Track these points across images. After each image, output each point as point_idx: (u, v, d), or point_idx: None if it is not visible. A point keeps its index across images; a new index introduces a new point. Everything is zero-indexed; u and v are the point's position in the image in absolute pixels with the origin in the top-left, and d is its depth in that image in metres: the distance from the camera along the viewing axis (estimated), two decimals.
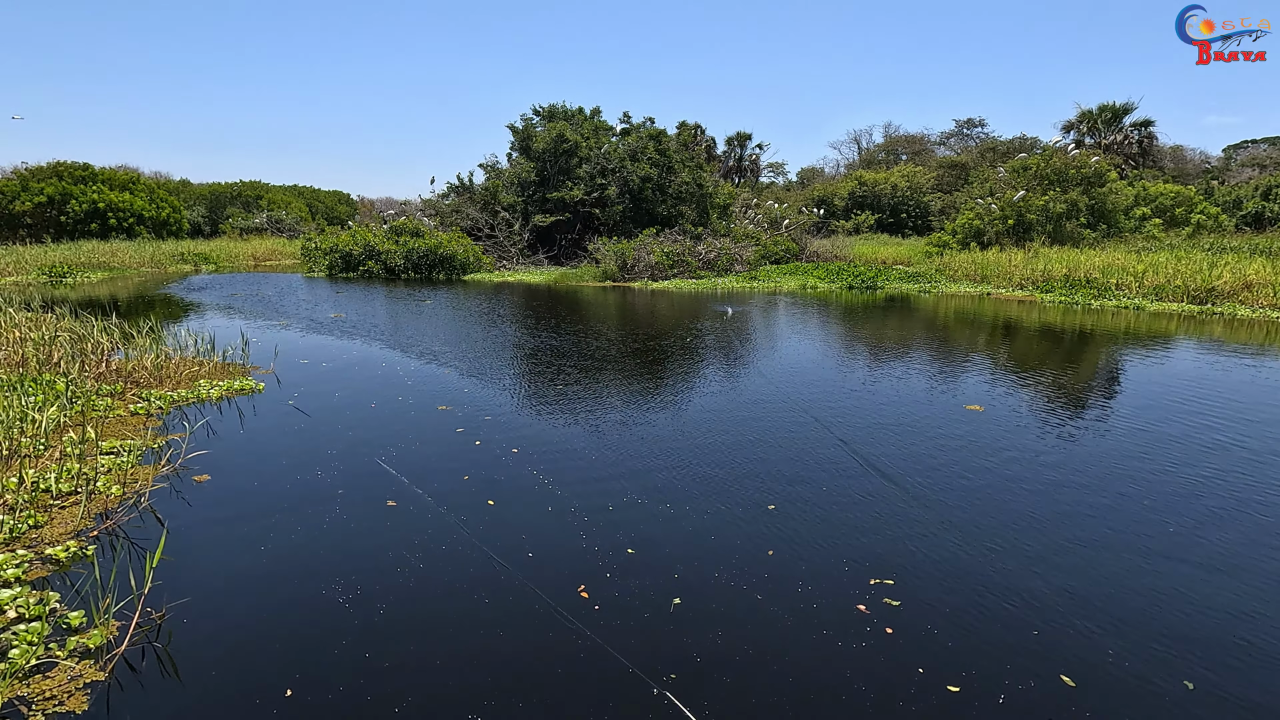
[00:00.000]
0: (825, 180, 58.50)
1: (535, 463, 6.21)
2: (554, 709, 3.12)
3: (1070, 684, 3.25)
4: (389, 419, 7.63)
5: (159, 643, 3.52)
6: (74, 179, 39.59)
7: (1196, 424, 7.42)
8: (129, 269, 30.71)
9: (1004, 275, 23.12)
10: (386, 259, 27.37)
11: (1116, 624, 3.73)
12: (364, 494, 5.50)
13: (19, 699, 3.05)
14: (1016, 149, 44.02)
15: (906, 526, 4.90)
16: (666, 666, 3.38)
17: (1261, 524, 4.96)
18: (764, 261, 29.94)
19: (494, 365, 10.71)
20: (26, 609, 3.66)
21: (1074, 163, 28.87)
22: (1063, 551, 4.54)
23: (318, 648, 3.53)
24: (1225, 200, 39.01)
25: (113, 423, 7.11)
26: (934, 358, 11.52)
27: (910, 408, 8.13)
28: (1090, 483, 5.72)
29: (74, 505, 5.05)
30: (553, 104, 33.82)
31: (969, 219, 29.37)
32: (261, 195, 55.28)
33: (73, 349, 9.56)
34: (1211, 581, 4.18)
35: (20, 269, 26.90)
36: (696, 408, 8.17)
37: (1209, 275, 18.78)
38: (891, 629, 3.68)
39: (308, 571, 4.29)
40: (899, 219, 45.09)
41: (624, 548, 4.60)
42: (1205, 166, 54.80)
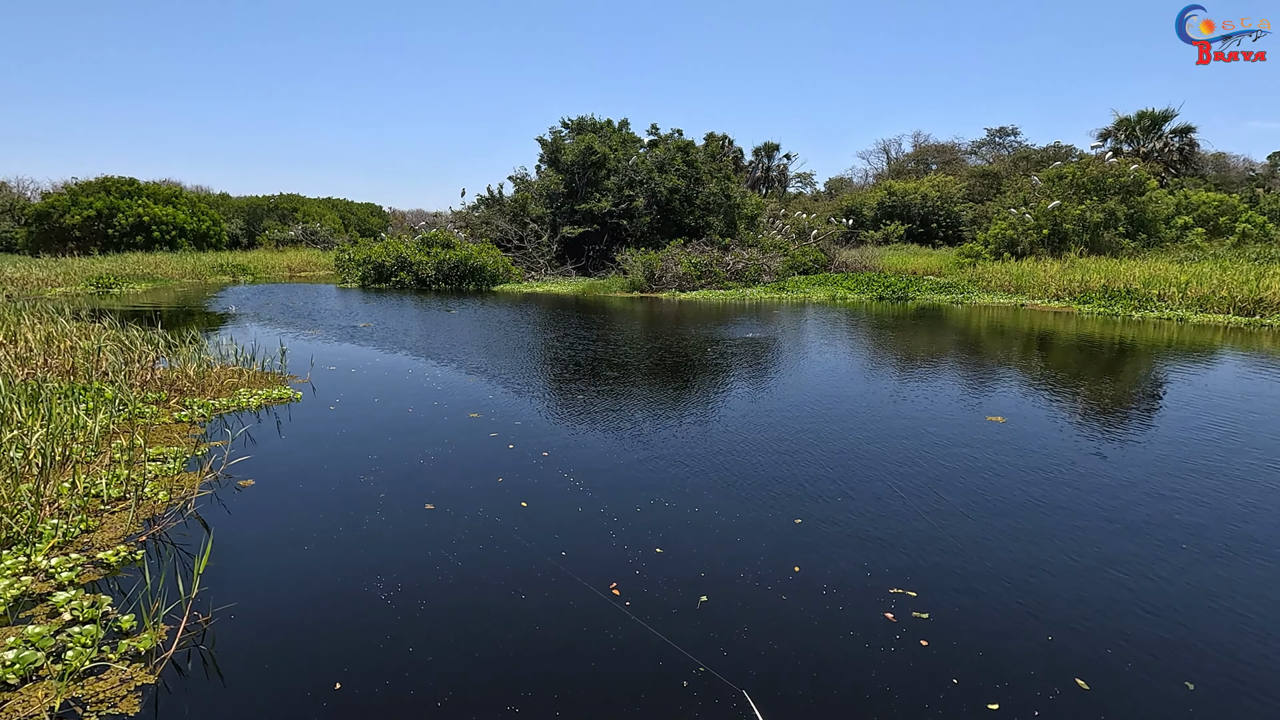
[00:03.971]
0: (854, 190, 58.11)
1: (566, 466, 6.36)
2: (588, 701, 3.20)
3: (1084, 687, 3.17)
4: (424, 425, 7.74)
5: (205, 645, 3.59)
6: (121, 193, 41.01)
7: (1237, 442, 7.16)
8: (171, 280, 31.66)
9: (1039, 286, 22.66)
10: (418, 270, 27.80)
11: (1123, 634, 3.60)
12: (403, 497, 5.60)
13: (74, 700, 3.13)
14: (1051, 158, 43.26)
15: (929, 537, 4.81)
16: (694, 661, 3.47)
17: None
18: (792, 272, 29.78)
19: (523, 373, 10.80)
20: (80, 612, 3.76)
21: (1112, 171, 28.26)
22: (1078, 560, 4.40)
23: (361, 644, 3.62)
24: (1271, 208, 37.79)
25: (158, 429, 7.31)
26: (965, 370, 11.31)
27: (935, 418, 8.00)
28: (1156, 492, 5.55)
29: (123, 510, 5.19)
30: (581, 116, 34.16)
31: (1002, 228, 28.88)
32: (297, 208, 56.65)
33: (119, 357, 9.87)
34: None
35: (69, 280, 27.90)
36: (721, 415, 8.13)
37: (1256, 286, 18.19)
38: (917, 636, 3.60)
39: (350, 572, 4.39)
40: (929, 229, 44.54)
41: (653, 547, 4.72)
42: (1249, 174, 53.19)
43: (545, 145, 33.26)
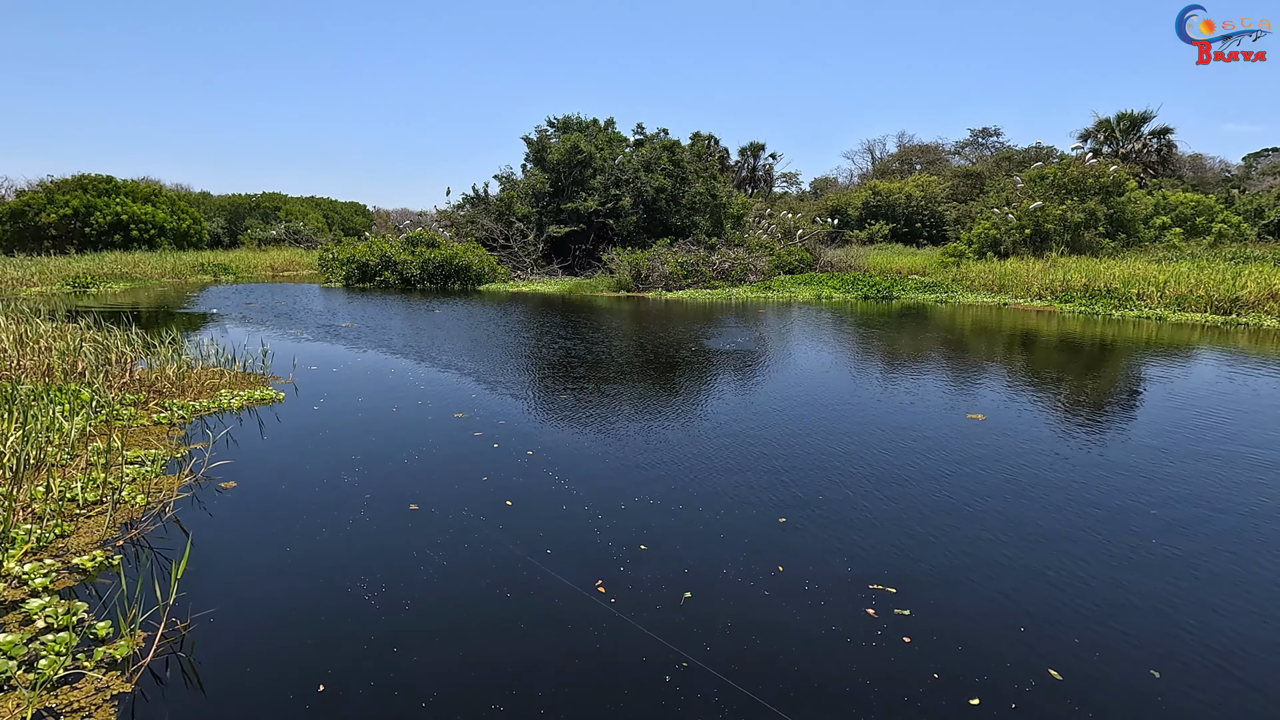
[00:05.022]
0: (839, 190, 58.44)
1: (550, 465, 6.37)
2: (574, 697, 3.22)
3: (1058, 677, 3.23)
4: (408, 425, 7.68)
5: (184, 652, 3.52)
6: (98, 191, 40.31)
7: (1214, 437, 7.28)
8: (150, 280, 31.18)
9: (1022, 285, 22.91)
10: (402, 269, 27.59)
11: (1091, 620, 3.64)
12: (387, 498, 5.56)
13: (47, 710, 3.06)
14: (1033, 158, 43.75)
15: (911, 535, 4.83)
16: (679, 655, 3.53)
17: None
18: (778, 272, 29.88)
19: (508, 373, 10.74)
20: (55, 619, 3.68)
21: (1092, 171, 28.62)
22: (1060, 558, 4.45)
23: (345, 646, 3.59)
24: (1246, 209, 38.51)
25: (136, 432, 7.18)
26: (948, 368, 11.40)
27: (917, 416, 8.06)
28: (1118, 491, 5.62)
29: (100, 515, 5.09)
30: (567, 115, 34.07)
31: (985, 228, 29.16)
32: (279, 206, 55.99)
33: (97, 359, 9.69)
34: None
35: (45, 279, 27.39)
36: (705, 415, 8.13)
37: (1233, 285, 18.50)
38: (900, 632, 3.62)
39: (332, 574, 4.34)
40: (913, 229, 44.89)
41: (637, 545, 4.74)
42: (1225, 175, 54.16)
43: (531, 144, 33.15)
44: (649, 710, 3.14)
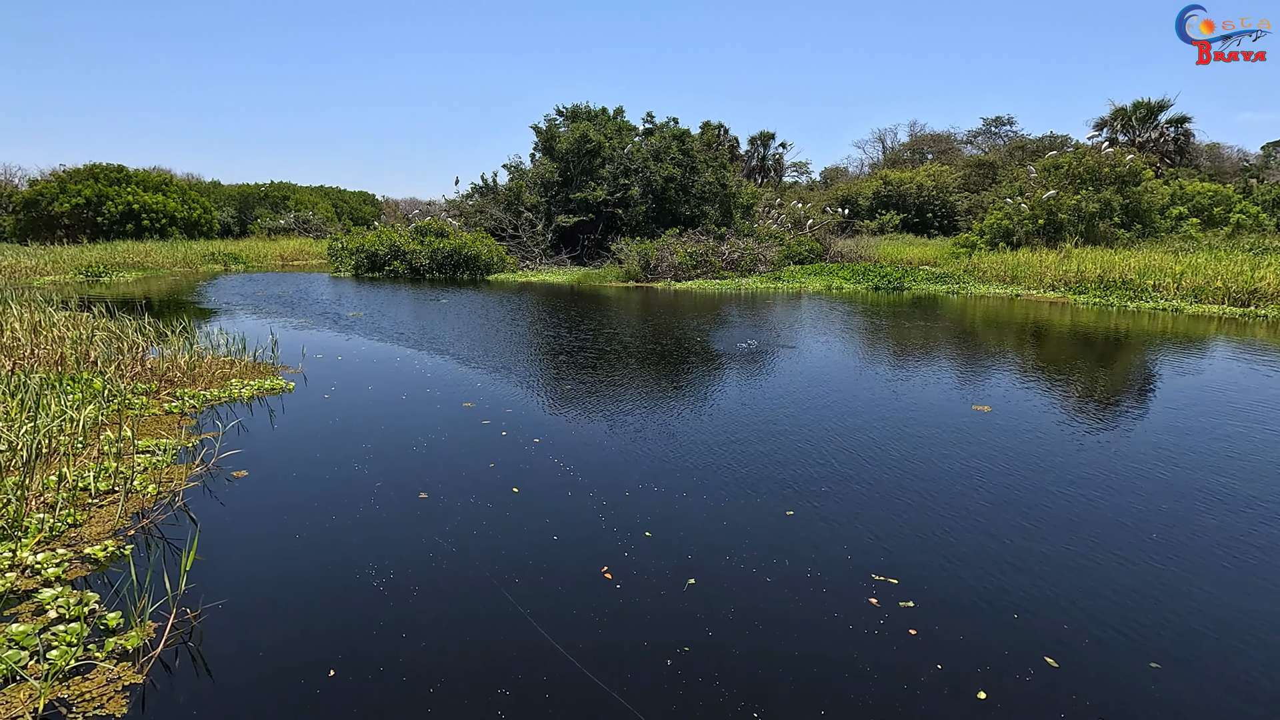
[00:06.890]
0: (849, 180, 57.97)
1: (556, 452, 6.41)
2: (580, 681, 3.25)
3: (1053, 664, 3.25)
4: (417, 414, 7.70)
5: (194, 642, 3.52)
6: (110, 181, 40.53)
7: (1227, 428, 7.16)
8: (162, 269, 31.35)
9: (1035, 276, 22.66)
10: (411, 259, 27.60)
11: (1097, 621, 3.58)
12: (396, 486, 5.58)
13: (60, 700, 3.07)
14: (1047, 147, 43.19)
15: (913, 526, 4.78)
16: (681, 640, 3.56)
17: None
18: (788, 262, 29.70)
19: (516, 362, 10.73)
20: (67, 609, 3.69)
21: (1108, 161, 28.20)
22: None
23: (354, 633, 3.61)
24: (1265, 199, 37.85)
25: (148, 421, 7.21)
26: (956, 359, 11.28)
27: (924, 408, 7.98)
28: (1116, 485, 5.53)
29: (111, 504, 5.11)
30: (576, 104, 33.85)
31: (998, 218, 28.84)
32: (289, 196, 56.14)
33: (109, 348, 9.73)
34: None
35: (58, 269, 27.59)
36: (713, 405, 8.08)
37: (1251, 276, 18.21)
38: (902, 623, 3.58)
39: (343, 561, 4.36)
40: (925, 219, 44.49)
41: (643, 531, 4.78)
42: (1243, 164, 53.24)
43: (540, 133, 32.97)
44: (650, 694, 3.15)
